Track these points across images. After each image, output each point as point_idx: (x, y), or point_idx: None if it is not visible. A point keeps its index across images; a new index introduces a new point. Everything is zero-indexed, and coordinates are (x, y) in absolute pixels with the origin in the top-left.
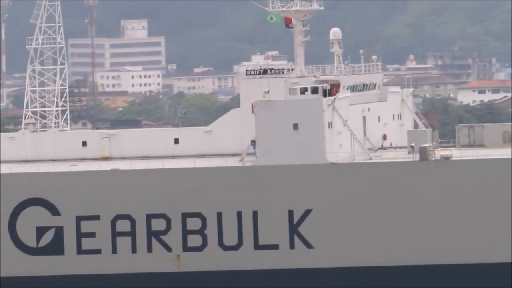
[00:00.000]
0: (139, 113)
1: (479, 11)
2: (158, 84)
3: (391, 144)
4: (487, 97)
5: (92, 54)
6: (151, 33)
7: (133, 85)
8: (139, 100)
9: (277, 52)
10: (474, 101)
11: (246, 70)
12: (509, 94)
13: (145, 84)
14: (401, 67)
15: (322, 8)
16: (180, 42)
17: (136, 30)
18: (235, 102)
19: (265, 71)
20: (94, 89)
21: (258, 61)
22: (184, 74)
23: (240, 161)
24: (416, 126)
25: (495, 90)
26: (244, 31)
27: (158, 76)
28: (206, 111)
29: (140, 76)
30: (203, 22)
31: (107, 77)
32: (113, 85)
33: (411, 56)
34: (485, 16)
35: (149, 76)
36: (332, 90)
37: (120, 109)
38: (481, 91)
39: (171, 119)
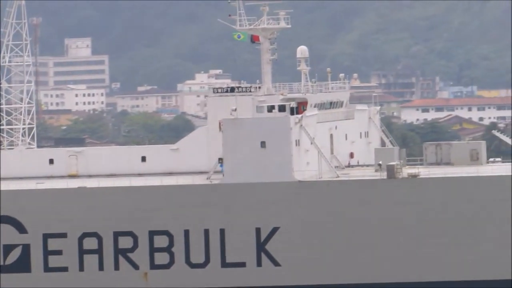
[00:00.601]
0: (82, 131)
1: (424, 30)
2: (102, 102)
3: (358, 162)
4: (431, 115)
5: (36, 73)
6: (95, 51)
7: (77, 104)
8: (83, 119)
9: (220, 70)
10: (417, 119)
11: (213, 88)
12: (452, 113)
13: (89, 103)
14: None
15: (289, 26)
16: (124, 61)
17: (80, 48)
18: (179, 121)
19: (232, 89)
20: (38, 108)
21: (202, 79)
22: (127, 93)
23: (207, 179)
24: (383, 144)
25: (439, 109)
26: (188, 49)
27: (102, 94)
28: (149, 130)
29: (84, 95)
30: (147, 41)
31: (51, 96)
32: (57, 104)
33: (355, 75)
34: (429, 35)
35: (93, 95)
36: (299, 108)
37: (64, 127)
38: (425, 110)
39: (114, 138)
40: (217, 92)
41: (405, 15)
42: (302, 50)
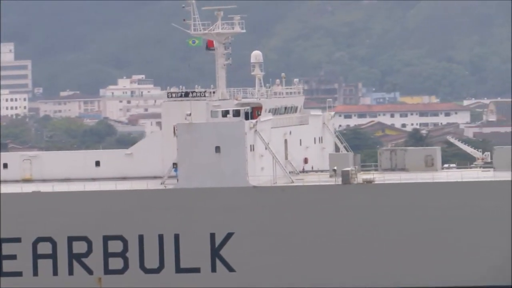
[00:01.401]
0: (5, 136)
1: (346, 36)
2: (25, 107)
3: (312, 168)
4: (353, 121)
5: None
6: (18, 56)
7: None
8: (6, 123)
9: (143, 75)
10: (340, 125)
11: (168, 93)
12: (375, 119)
13: (11, 108)
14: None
15: (244, 31)
16: (47, 66)
17: (3, 53)
18: (101, 126)
19: (186, 94)
20: None
21: (124, 84)
22: (50, 98)
23: (161, 183)
24: (337, 149)
25: (361, 115)
26: (111, 55)
27: (25, 99)
28: (72, 135)
29: (7, 100)
30: (70, 46)
31: None
32: None
33: (277, 81)
34: (351, 41)
35: (16, 100)
36: (254, 113)
37: None
38: (347, 116)
39: (37, 143)
40: (172, 97)
41: (327, 21)
42: (256, 55)
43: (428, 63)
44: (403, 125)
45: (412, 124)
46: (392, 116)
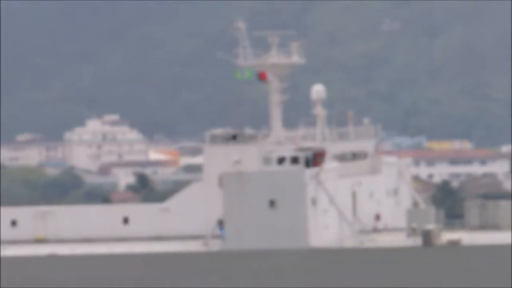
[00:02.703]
0: None
1: (362, 70)
2: None
3: (386, 226)
4: None
5: None
6: None
7: None
8: None
9: (118, 115)
10: None
11: (211, 135)
12: None
13: None
14: None
15: (304, 61)
16: (2, 106)
17: None
18: (67, 176)
19: (234, 137)
20: None
21: (94, 126)
22: (5, 143)
23: (204, 244)
24: (415, 204)
25: None
26: (79, 92)
27: None
28: (31, 187)
29: None
30: (30, 82)
31: None
32: None
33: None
34: (369, 75)
35: None
36: (315, 159)
37: None
38: None
39: None
40: (216, 141)
41: (339, 52)
42: (318, 91)
43: (460, 102)
44: (430, 176)
45: (440, 174)
46: (417, 164)
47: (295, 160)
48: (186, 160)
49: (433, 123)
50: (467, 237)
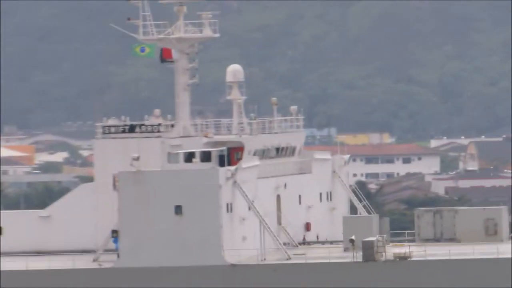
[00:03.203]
0: None
1: (259, 46)
2: None
3: (318, 237)
4: None
5: None
6: None
7: None
8: None
9: None
10: None
11: (104, 126)
12: None
13: None
14: None
15: (217, 35)
16: None
17: None
18: None
19: (132, 128)
20: None
21: None
22: None
23: (94, 261)
24: (354, 210)
25: None
26: None
27: None
28: None
29: None
30: None
31: None
32: None
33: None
34: (267, 52)
35: None
36: (231, 156)
37: None
38: None
39: None
40: (109, 132)
41: (232, 23)
42: (234, 71)
43: (379, 85)
44: None
45: (354, 175)
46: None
47: (206, 156)
48: (42, 157)
49: (345, 112)
50: (418, 251)
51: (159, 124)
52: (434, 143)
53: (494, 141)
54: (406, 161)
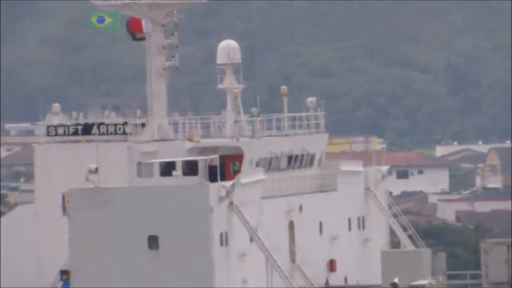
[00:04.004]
0: None
1: None
2: None
3: (346, 280)
4: None
5: None
6: None
7: None
8: None
9: None
10: None
11: (48, 127)
12: None
13: None
14: None
15: (204, 0)
16: None
17: None
18: None
19: (87, 129)
20: None
21: None
22: None
23: None
24: (395, 243)
25: None
26: None
27: None
28: None
29: None
30: None
31: None
32: None
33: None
34: None
35: None
36: (226, 167)
37: None
38: None
39: None
40: (55, 135)
41: None
42: (228, 50)
43: (363, 71)
44: None
45: None
46: None
47: (191, 168)
48: None
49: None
50: None
51: (125, 123)
52: (440, 151)
53: None
54: (402, 175)
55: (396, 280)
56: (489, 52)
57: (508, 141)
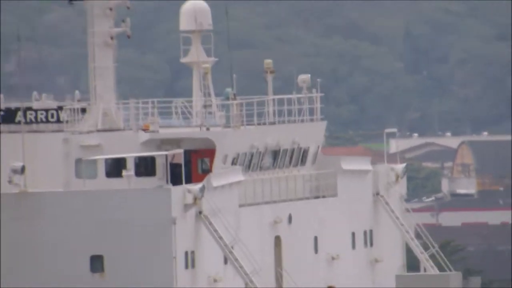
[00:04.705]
0: None
1: None
2: None
3: None
4: None
5: None
6: None
7: None
8: None
9: None
10: None
11: None
12: None
13: None
14: None
15: None
16: None
17: None
18: None
19: (10, 115)
20: None
21: None
22: None
23: None
24: (414, 263)
25: None
26: None
27: None
28: None
29: None
30: None
31: None
32: None
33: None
34: None
35: None
36: (193, 165)
37: None
38: None
39: None
40: None
41: None
42: (195, 12)
43: (300, 42)
44: None
45: None
46: None
47: (147, 166)
48: None
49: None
50: None
51: (60, 108)
52: (395, 145)
53: (503, 141)
54: None
55: None
56: (462, 16)
57: (485, 133)
